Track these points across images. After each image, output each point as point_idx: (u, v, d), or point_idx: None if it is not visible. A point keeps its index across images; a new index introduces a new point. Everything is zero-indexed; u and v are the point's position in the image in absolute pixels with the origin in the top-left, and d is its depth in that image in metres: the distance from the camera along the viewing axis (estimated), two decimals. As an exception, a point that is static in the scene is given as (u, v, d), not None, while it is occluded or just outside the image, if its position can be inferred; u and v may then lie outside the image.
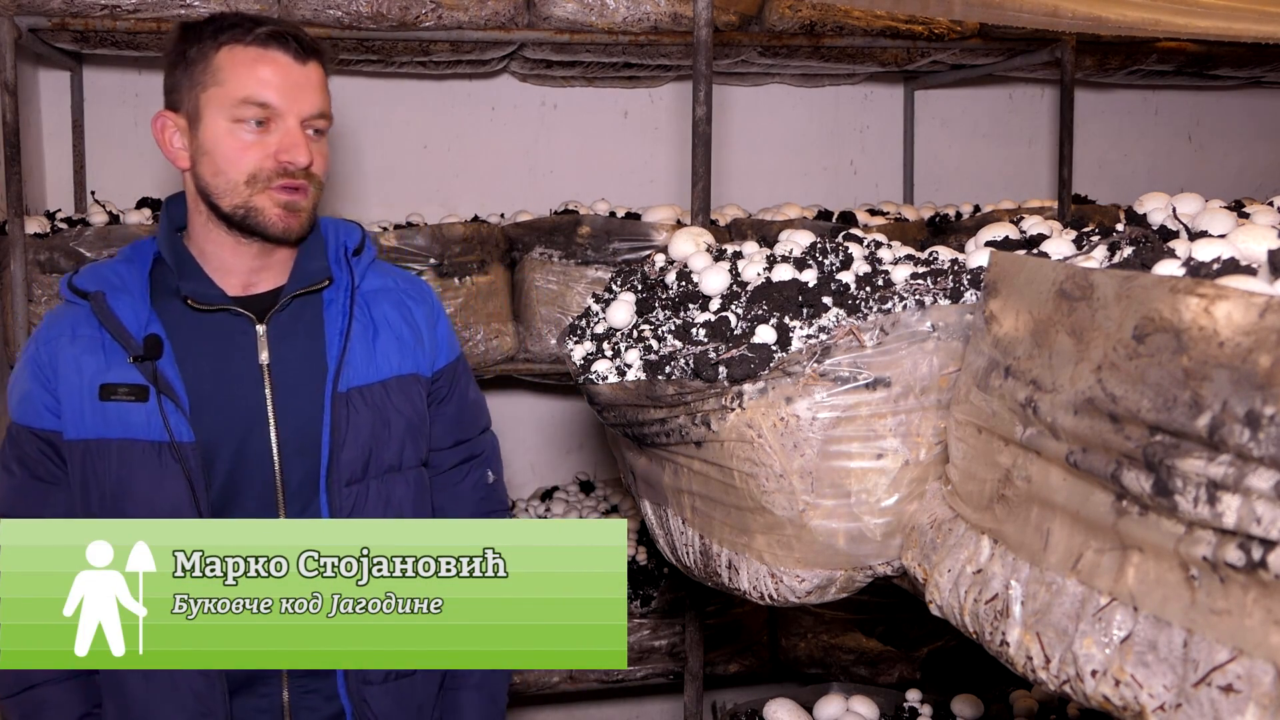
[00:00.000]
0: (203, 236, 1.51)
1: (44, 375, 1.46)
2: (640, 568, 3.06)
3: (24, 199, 2.48)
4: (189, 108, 1.47)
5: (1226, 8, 1.82)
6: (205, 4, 2.52)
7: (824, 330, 1.14)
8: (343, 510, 1.49)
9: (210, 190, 1.46)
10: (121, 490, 1.43)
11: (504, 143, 3.44)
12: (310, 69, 1.49)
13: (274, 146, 1.45)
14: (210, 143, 1.45)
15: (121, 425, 1.43)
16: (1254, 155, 4.05)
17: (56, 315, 1.51)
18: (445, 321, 1.68)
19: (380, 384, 1.54)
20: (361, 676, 1.51)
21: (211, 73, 1.45)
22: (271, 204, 1.45)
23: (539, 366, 2.91)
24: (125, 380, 1.43)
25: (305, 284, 1.54)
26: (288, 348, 1.51)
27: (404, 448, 1.55)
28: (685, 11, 2.72)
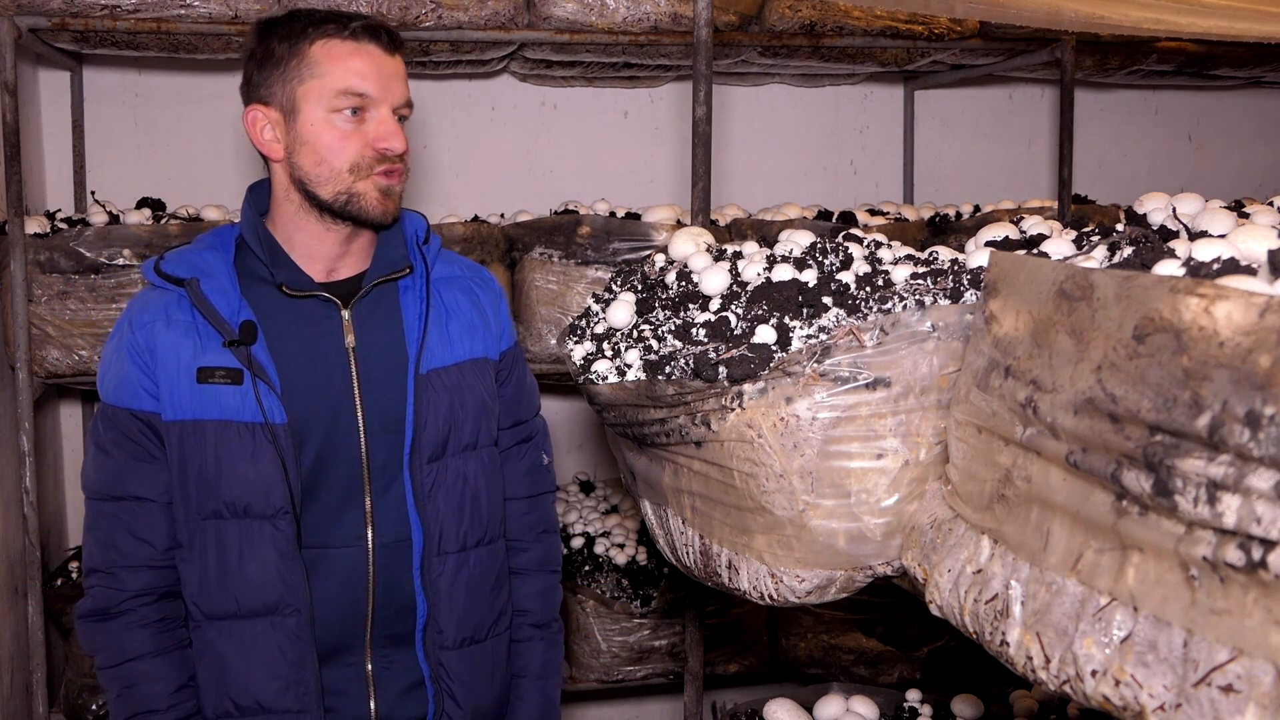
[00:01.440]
0: (291, 224, 1.57)
1: (142, 358, 1.50)
2: (640, 568, 3.06)
3: (24, 199, 2.48)
4: (283, 101, 1.52)
5: (1227, 7, 1.82)
6: (205, 4, 2.52)
7: (824, 330, 1.14)
8: (424, 486, 1.56)
9: (310, 179, 1.52)
10: (217, 469, 1.48)
11: (504, 143, 3.44)
12: (397, 60, 1.57)
13: (371, 135, 1.51)
14: (311, 134, 1.51)
15: (218, 407, 1.49)
16: (1254, 155, 4.05)
17: (147, 300, 1.55)
18: (506, 307, 1.76)
19: (456, 366, 1.61)
20: (438, 642, 1.59)
21: (308, 66, 1.50)
22: (372, 189, 1.52)
23: (539, 366, 2.91)
24: (221, 364, 1.49)
25: (388, 271, 1.61)
26: (371, 332, 1.58)
27: (479, 426, 1.62)
28: (685, 11, 2.72)
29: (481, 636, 1.63)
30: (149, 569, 1.52)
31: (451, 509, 1.58)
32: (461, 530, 1.59)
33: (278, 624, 1.51)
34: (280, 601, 1.50)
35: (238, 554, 1.50)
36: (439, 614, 1.58)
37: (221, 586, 1.50)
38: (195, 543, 1.51)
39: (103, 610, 1.52)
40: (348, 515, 1.55)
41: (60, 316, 2.59)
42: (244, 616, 1.51)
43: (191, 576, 1.51)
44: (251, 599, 1.50)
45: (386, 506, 1.56)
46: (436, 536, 1.57)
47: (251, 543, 1.50)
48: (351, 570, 1.55)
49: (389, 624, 1.58)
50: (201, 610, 1.52)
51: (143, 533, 1.51)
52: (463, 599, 1.60)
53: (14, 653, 2.80)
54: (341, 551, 1.55)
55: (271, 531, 1.49)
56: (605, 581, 3.04)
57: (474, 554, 1.61)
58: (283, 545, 1.50)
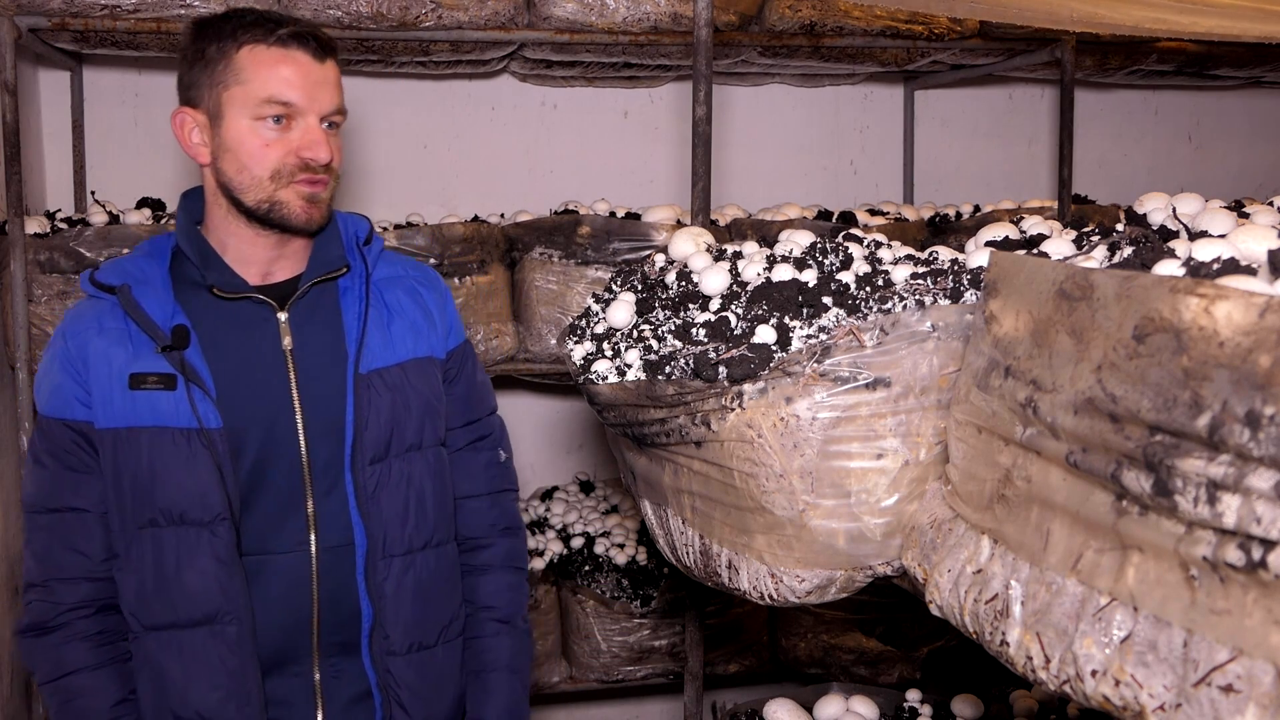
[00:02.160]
0: (222, 229, 1.55)
1: (74, 367, 1.49)
2: (640, 568, 3.06)
3: (24, 199, 2.48)
4: (210, 105, 1.50)
5: (1227, 7, 1.82)
6: (205, 3, 2.52)
7: (824, 330, 1.14)
8: (367, 488, 1.54)
9: (233, 186, 1.50)
10: (152, 477, 1.46)
11: (504, 143, 3.44)
12: (328, 67, 1.54)
13: (295, 143, 1.49)
14: (233, 140, 1.49)
15: (151, 413, 1.47)
16: (1254, 155, 4.05)
17: (81, 310, 1.54)
18: (453, 305, 1.74)
19: (398, 366, 1.59)
20: (385, 648, 1.56)
21: (234, 72, 1.48)
22: (295, 197, 1.50)
23: (539, 366, 2.91)
24: (154, 369, 1.47)
25: (324, 271, 1.59)
26: (309, 333, 1.56)
27: (423, 427, 1.60)
28: (685, 11, 2.72)
29: (431, 642, 1.59)
30: (86, 581, 1.49)
31: (396, 511, 1.55)
32: (407, 532, 1.56)
33: (217, 633, 1.47)
34: (219, 610, 1.47)
35: (175, 563, 1.46)
36: (385, 619, 1.54)
37: (159, 596, 1.47)
38: (132, 552, 1.48)
39: (40, 625, 1.49)
40: (289, 520, 1.52)
41: (60, 316, 2.59)
42: (183, 626, 1.47)
43: (129, 587, 1.49)
44: (190, 608, 1.47)
45: (329, 510, 1.53)
46: (381, 539, 1.54)
47: (189, 551, 1.46)
48: (295, 577, 1.52)
49: (336, 631, 1.54)
50: (140, 621, 1.49)
51: (79, 544, 1.48)
52: (410, 603, 1.56)
53: (14, 653, 2.80)
54: (284, 558, 1.52)
55: (209, 539, 1.46)
56: (605, 581, 3.04)
57: (421, 556, 1.58)
58: (221, 553, 1.47)
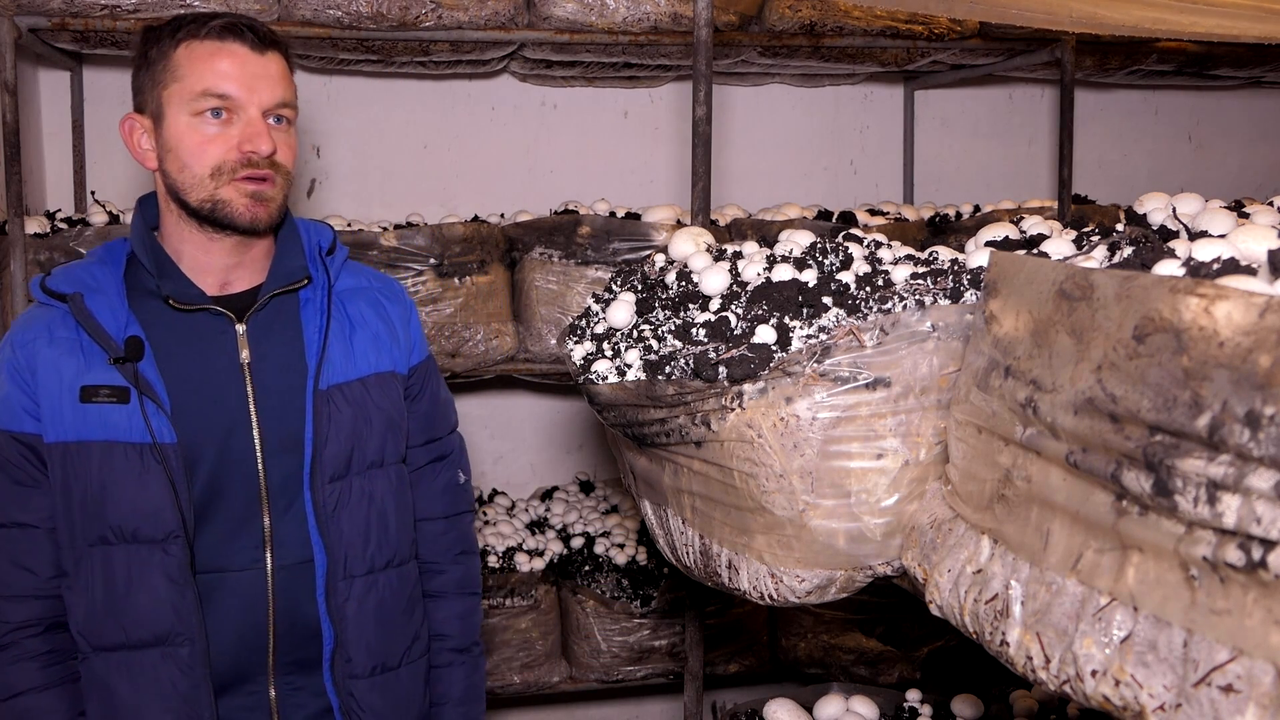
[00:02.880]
0: (176, 236, 1.51)
1: (22, 378, 1.44)
2: (640, 568, 3.06)
3: (24, 199, 2.48)
4: (152, 107, 1.47)
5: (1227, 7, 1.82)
6: (205, 4, 2.52)
7: (824, 330, 1.14)
8: (326, 506, 1.50)
9: (177, 186, 1.46)
10: (103, 492, 1.42)
11: (504, 143, 3.44)
12: (270, 59, 1.48)
13: (236, 138, 1.44)
14: (174, 139, 1.45)
15: (103, 427, 1.42)
16: (1254, 155, 4.04)
17: (30, 318, 1.49)
18: (417, 319, 1.70)
19: (360, 381, 1.55)
20: (348, 671, 1.52)
21: (171, 70, 1.45)
22: (238, 194, 1.45)
23: (539, 366, 2.91)
24: (106, 382, 1.42)
25: (284, 283, 1.54)
26: (267, 346, 1.52)
27: (385, 443, 1.56)
28: (685, 11, 2.72)
29: (395, 664, 1.57)
30: (34, 599, 1.44)
31: (357, 530, 1.52)
32: (369, 552, 1.53)
33: (169, 654, 1.43)
34: (171, 631, 1.43)
35: (126, 581, 1.42)
36: (347, 641, 1.52)
37: (109, 616, 1.43)
38: (81, 570, 1.43)
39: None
40: (244, 537, 1.48)
41: (60, 316, 2.59)
42: (134, 647, 1.43)
43: (78, 606, 1.44)
44: (141, 629, 1.43)
45: (286, 528, 1.50)
46: (342, 559, 1.51)
47: (140, 569, 1.42)
48: (250, 595, 1.48)
49: (292, 650, 1.51)
50: (89, 641, 1.44)
51: (26, 561, 1.44)
52: (373, 625, 1.53)
53: None
54: (239, 575, 1.48)
55: (161, 557, 1.42)
56: (605, 581, 3.04)
57: (383, 576, 1.55)
58: (173, 571, 1.43)
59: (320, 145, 3.32)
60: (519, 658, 3.00)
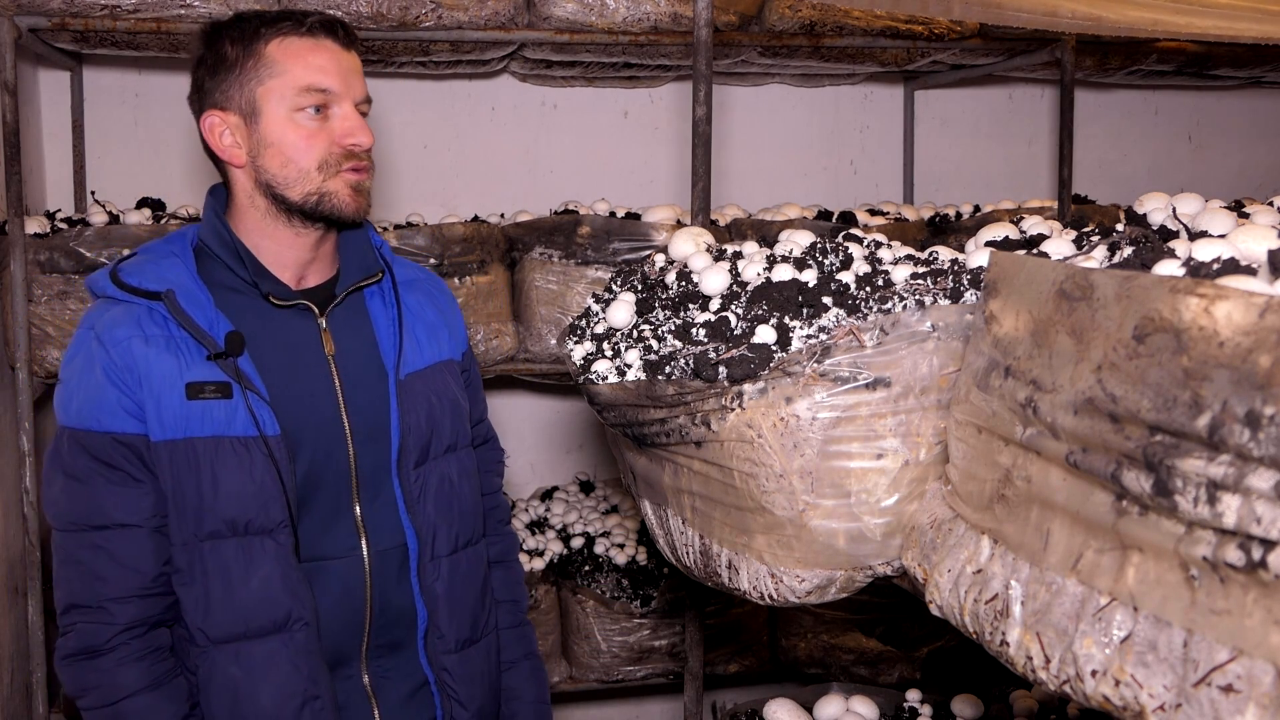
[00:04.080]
0: (258, 231, 1.53)
1: (120, 378, 1.43)
2: (640, 568, 3.06)
3: (24, 199, 2.48)
4: (242, 104, 1.48)
5: (1227, 7, 1.82)
6: (205, 4, 2.52)
7: (824, 330, 1.14)
8: (413, 492, 1.56)
9: (277, 181, 1.48)
10: (214, 487, 1.44)
11: (504, 143, 3.44)
12: (354, 55, 1.54)
13: (336, 132, 1.48)
14: (275, 134, 1.47)
15: (209, 423, 1.44)
16: (1254, 155, 4.04)
17: (115, 316, 1.46)
18: (459, 309, 1.76)
19: (430, 369, 1.61)
20: (440, 647, 1.58)
21: (266, 66, 1.47)
22: (343, 186, 1.49)
23: (539, 366, 2.91)
24: (209, 378, 1.44)
25: (361, 276, 1.59)
26: (347, 339, 1.56)
27: (456, 428, 1.62)
28: (685, 11, 2.72)
29: (477, 637, 1.64)
30: (138, 599, 1.44)
31: (441, 513, 1.57)
32: (452, 533, 1.59)
33: (288, 640, 1.46)
34: (289, 617, 1.46)
35: (242, 572, 1.44)
36: (439, 619, 1.57)
37: (228, 608, 1.45)
38: (195, 566, 1.45)
39: (91, 648, 1.43)
40: (339, 526, 1.52)
41: (60, 316, 2.59)
42: (253, 637, 1.45)
43: (194, 601, 1.45)
44: (260, 617, 1.45)
45: (377, 515, 1.54)
46: (430, 541, 1.56)
47: (254, 560, 1.45)
48: (348, 581, 1.52)
49: (385, 632, 1.55)
50: (207, 635, 1.46)
51: (131, 561, 1.43)
52: (459, 601, 1.60)
53: (14, 653, 2.80)
54: (337, 563, 1.52)
55: (274, 546, 1.45)
56: (605, 581, 3.04)
57: (463, 555, 1.61)
58: (285, 559, 1.46)
59: (320, 145, 3.32)
60: (519, 658, 3.00)
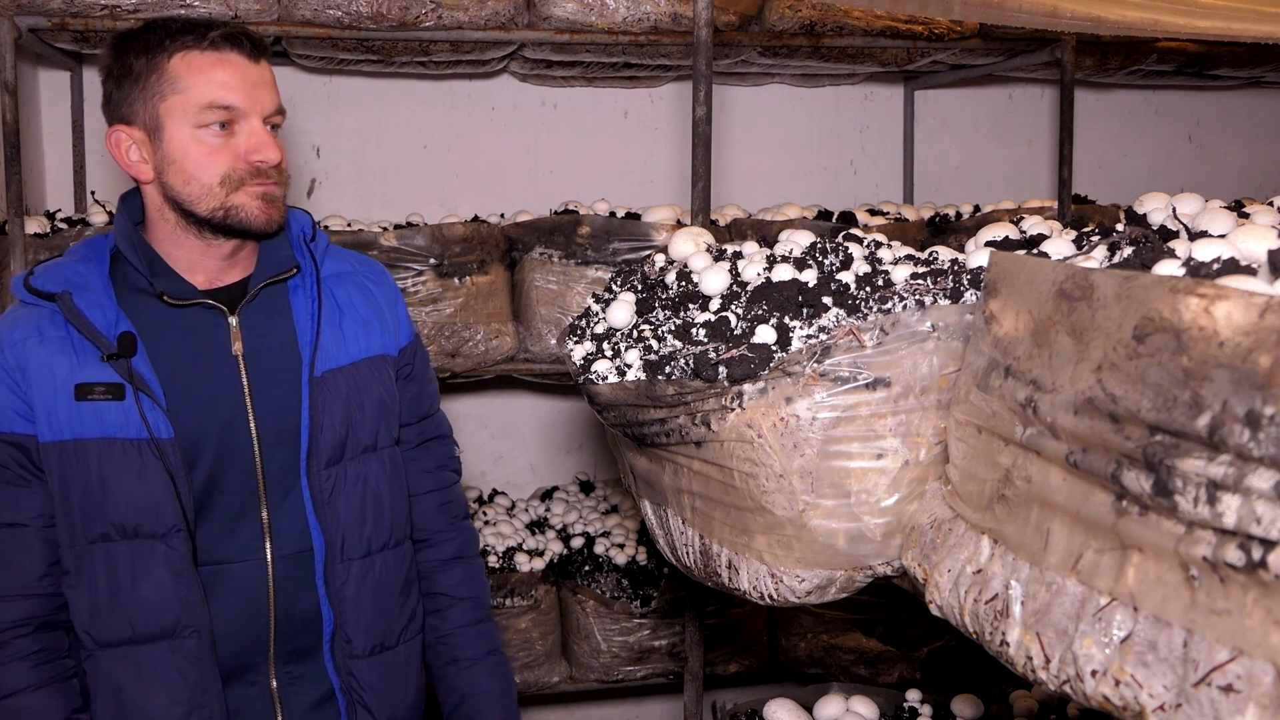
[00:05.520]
0: (169, 241, 1.50)
1: (12, 379, 1.43)
2: (640, 568, 3.06)
3: (24, 199, 2.48)
4: (146, 119, 1.45)
5: (1226, 8, 1.82)
6: (205, 4, 2.52)
7: (824, 330, 1.14)
8: (323, 493, 1.51)
9: (182, 198, 1.46)
10: (103, 490, 1.42)
11: (504, 143, 3.44)
12: (263, 67, 1.49)
13: (242, 148, 1.45)
14: (178, 152, 1.44)
15: (99, 424, 1.42)
16: (1254, 155, 4.04)
17: (17, 318, 1.47)
18: (403, 301, 1.70)
19: (352, 365, 1.56)
20: (347, 651, 1.54)
21: (169, 81, 1.43)
22: (250, 199, 1.46)
23: (539, 366, 2.91)
24: (100, 379, 1.42)
25: (274, 272, 1.55)
26: (261, 337, 1.52)
27: (378, 427, 1.57)
28: (685, 11, 2.72)
29: (393, 643, 1.59)
30: (23, 598, 1.44)
31: (353, 514, 1.53)
32: (365, 535, 1.54)
33: (176, 647, 1.44)
34: (177, 623, 1.44)
35: (130, 577, 1.43)
36: (346, 623, 1.53)
37: (114, 612, 1.43)
38: (83, 568, 1.43)
39: None
40: (243, 529, 1.49)
41: (60, 316, 2.59)
42: (140, 642, 1.44)
43: (81, 603, 1.44)
44: (147, 623, 1.43)
45: (284, 517, 1.51)
46: (339, 543, 1.52)
47: (144, 564, 1.43)
48: (250, 586, 1.49)
49: (293, 638, 1.52)
50: (94, 638, 1.44)
51: (16, 560, 1.43)
52: (370, 605, 1.55)
53: None
54: (239, 566, 1.49)
55: (165, 551, 1.43)
56: (605, 581, 3.04)
57: (379, 558, 1.56)
58: (177, 564, 1.43)
59: (320, 145, 3.32)
60: (519, 658, 3.00)
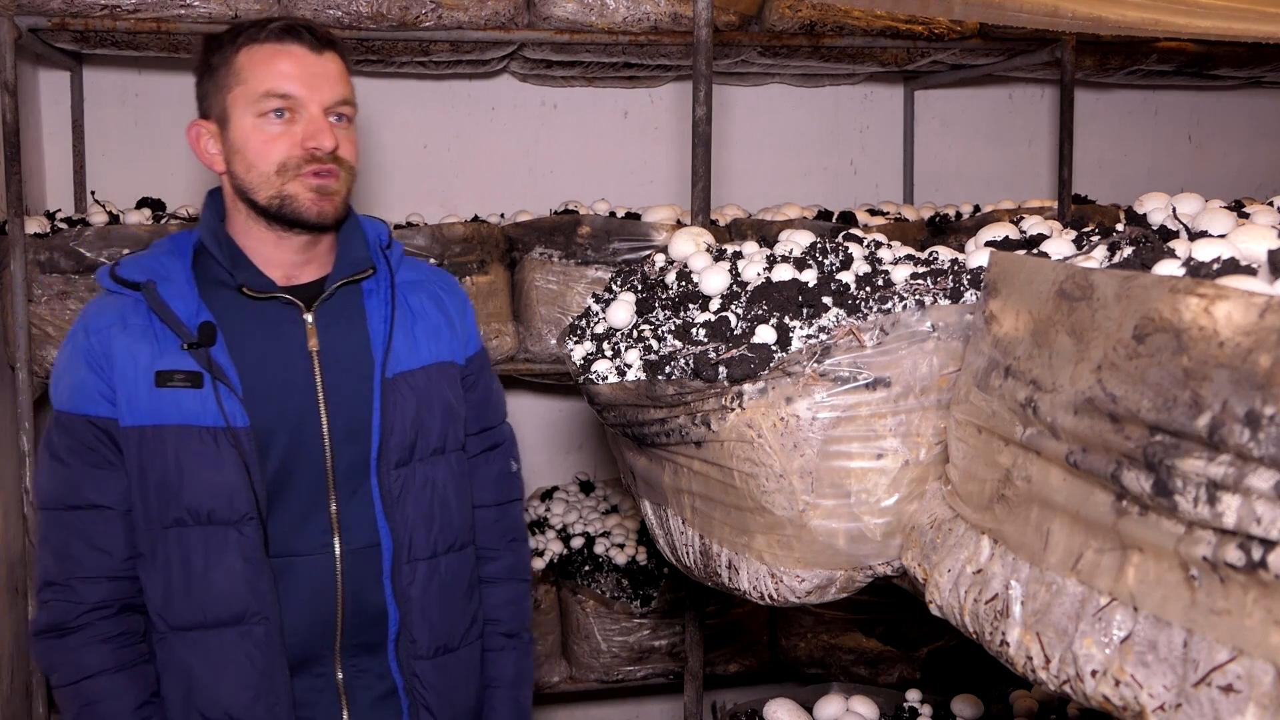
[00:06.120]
0: (244, 233, 1.55)
1: (98, 363, 1.47)
2: (640, 568, 3.06)
3: (24, 199, 2.48)
4: (218, 112, 1.51)
5: (1226, 8, 1.82)
6: (205, 4, 2.52)
7: (824, 330, 1.14)
8: (392, 492, 1.54)
9: (245, 186, 1.50)
10: (179, 475, 1.45)
11: (504, 143, 3.44)
12: (327, 59, 1.53)
13: (300, 135, 1.48)
14: (240, 140, 1.49)
15: (177, 411, 1.46)
16: (1254, 155, 4.04)
17: (103, 306, 1.52)
18: (472, 313, 1.75)
19: (422, 370, 1.59)
20: (412, 652, 1.57)
21: (234, 74, 1.49)
22: (304, 189, 1.49)
23: (539, 366, 2.91)
24: (180, 367, 1.46)
25: (350, 272, 1.59)
26: (335, 335, 1.56)
27: (446, 431, 1.61)
28: (685, 11, 2.72)
29: (455, 645, 1.61)
30: (107, 580, 1.47)
31: (421, 515, 1.56)
32: (432, 537, 1.57)
33: (246, 633, 1.47)
34: (247, 610, 1.47)
35: (202, 562, 1.45)
36: (411, 623, 1.56)
37: (186, 596, 1.46)
38: (158, 552, 1.46)
39: (59, 625, 1.46)
40: (312, 522, 1.52)
41: (60, 316, 2.59)
42: (210, 626, 1.46)
43: (155, 587, 1.47)
44: (218, 608, 1.46)
45: (353, 513, 1.53)
46: (406, 543, 1.55)
47: (216, 550, 1.46)
48: (319, 578, 1.52)
49: (359, 632, 1.55)
50: (166, 621, 1.47)
51: (101, 542, 1.46)
52: (435, 607, 1.57)
53: (14, 653, 2.80)
54: (308, 559, 1.51)
55: (237, 538, 1.46)
56: (605, 581, 3.04)
57: (444, 560, 1.59)
58: (249, 552, 1.46)
59: (320, 145, 3.32)
60: (519, 658, 3.00)
